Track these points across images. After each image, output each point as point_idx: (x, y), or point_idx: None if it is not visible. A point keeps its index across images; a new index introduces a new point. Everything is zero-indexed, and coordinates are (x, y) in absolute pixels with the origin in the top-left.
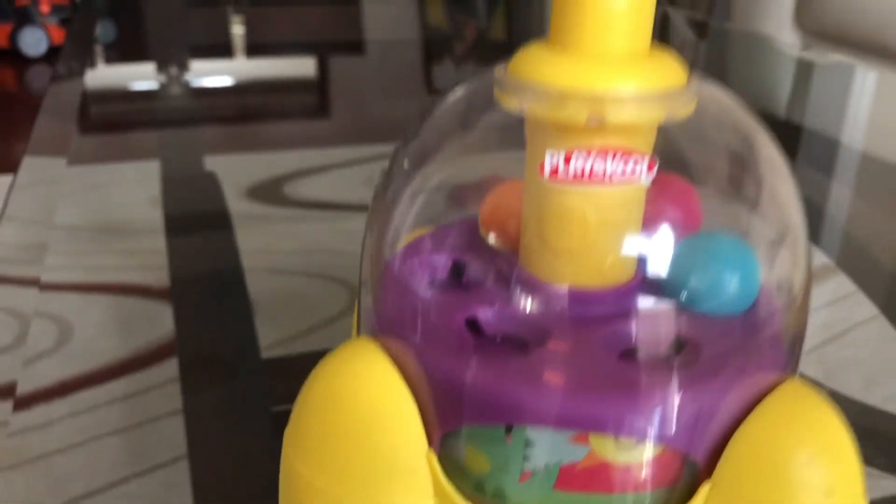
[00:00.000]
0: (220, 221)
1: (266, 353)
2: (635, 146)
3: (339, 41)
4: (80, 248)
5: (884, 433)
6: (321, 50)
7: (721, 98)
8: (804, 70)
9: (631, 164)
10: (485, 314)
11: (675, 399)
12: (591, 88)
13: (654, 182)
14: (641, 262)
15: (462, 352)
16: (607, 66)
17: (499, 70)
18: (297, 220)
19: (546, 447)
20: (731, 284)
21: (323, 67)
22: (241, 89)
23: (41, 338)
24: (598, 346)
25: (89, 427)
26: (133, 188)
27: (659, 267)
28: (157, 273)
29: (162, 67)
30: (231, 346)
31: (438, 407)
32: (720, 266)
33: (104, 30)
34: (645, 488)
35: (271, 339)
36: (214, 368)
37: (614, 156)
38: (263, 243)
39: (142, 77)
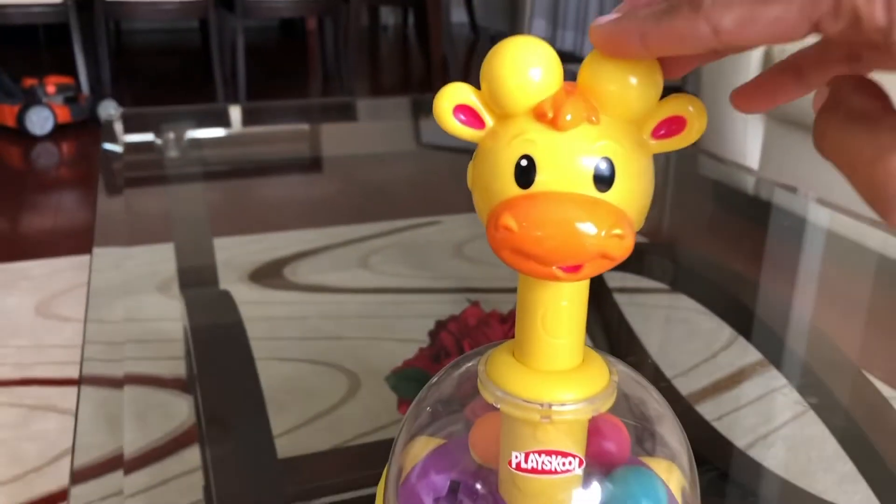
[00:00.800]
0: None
1: (280, 450)
2: (573, 432)
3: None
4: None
5: None
6: (313, 117)
7: (630, 379)
8: (765, 187)
9: (568, 462)
10: None
11: None
12: (545, 398)
13: (596, 432)
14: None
15: None
16: (553, 380)
17: (481, 368)
18: (297, 304)
19: None
20: None
21: (315, 133)
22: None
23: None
24: None
25: None
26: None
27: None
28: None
29: (163, 135)
30: (250, 452)
31: None
32: (641, 496)
33: (104, 108)
34: None
35: (282, 429)
36: (235, 474)
37: (557, 455)
38: (268, 330)
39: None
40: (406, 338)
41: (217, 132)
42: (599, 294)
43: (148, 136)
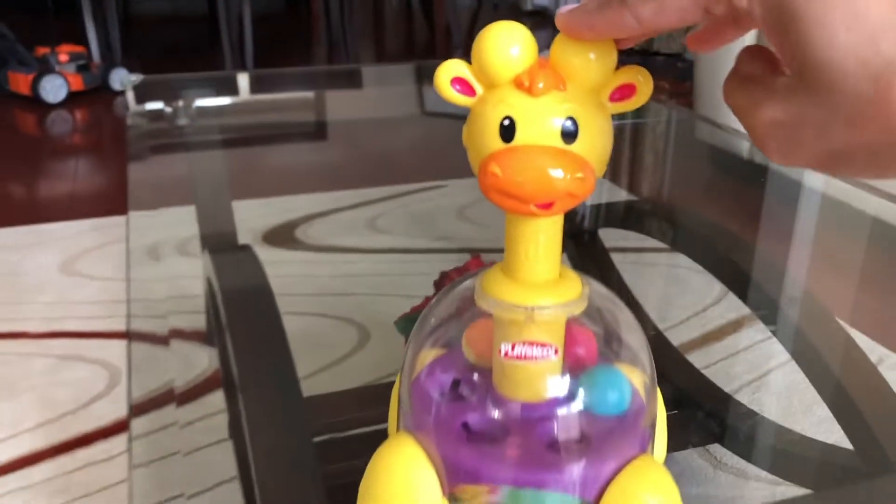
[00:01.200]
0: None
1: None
2: (552, 330)
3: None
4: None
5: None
6: (319, 83)
7: (601, 292)
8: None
9: (546, 351)
10: (472, 419)
11: (580, 469)
12: (528, 303)
13: (571, 340)
14: (560, 388)
15: (459, 443)
16: (536, 288)
17: (477, 283)
18: (309, 263)
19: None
20: (614, 398)
21: (321, 100)
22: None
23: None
24: (535, 438)
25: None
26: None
27: (569, 390)
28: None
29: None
30: (276, 390)
31: (448, 473)
32: (607, 387)
33: (118, 76)
34: None
35: (299, 375)
36: (263, 409)
37: (536, 345)
38: (282, 287)
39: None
40: (412, 293)
41: (226, 101)
42: (596, 254)
43: (158, 105)
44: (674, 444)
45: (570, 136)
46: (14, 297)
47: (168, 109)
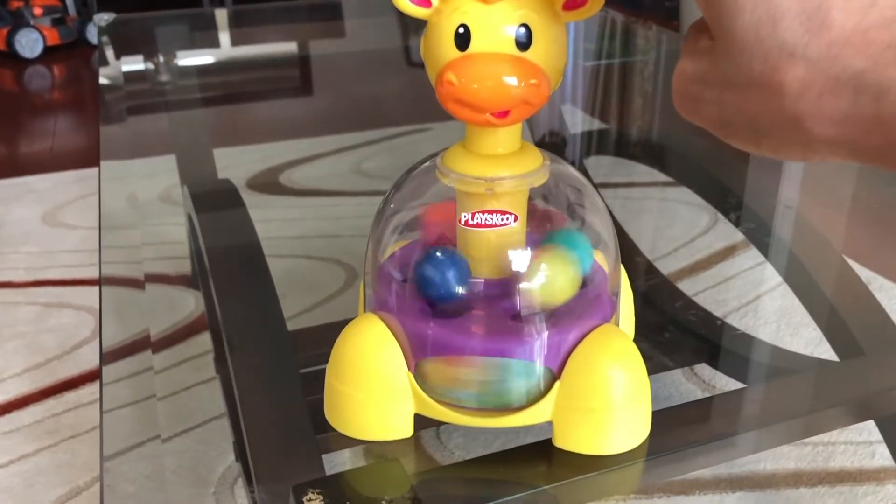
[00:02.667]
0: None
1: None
2: (512, 203)
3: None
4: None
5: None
6: (302, 34)
7: (564, 169)
8: None
9: (505, 217)
10: None
11: (543, 338)
12: (488, 175)
13: (530, 214)
14: (521, 260)
15: (425, 319)
16: (495, 161)
17: (439, 159)
18: (294, 207)
19: None
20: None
21: (304, 50)
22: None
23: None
24: (499, 311)
25: (131, 396)
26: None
27: (532, 263)
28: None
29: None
30: (261, 322)
31: (413, 349)
32: (573, 246)
33: (99, 18)
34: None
35: (285, 315)
36: (248, 341)
37: (496, 213)
38: (268, 230)
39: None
40: None
41: (205, 52)
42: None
43: (138, 59)
44: (662, 366)
45: (523, 43)
46: None
47: (150, 66)
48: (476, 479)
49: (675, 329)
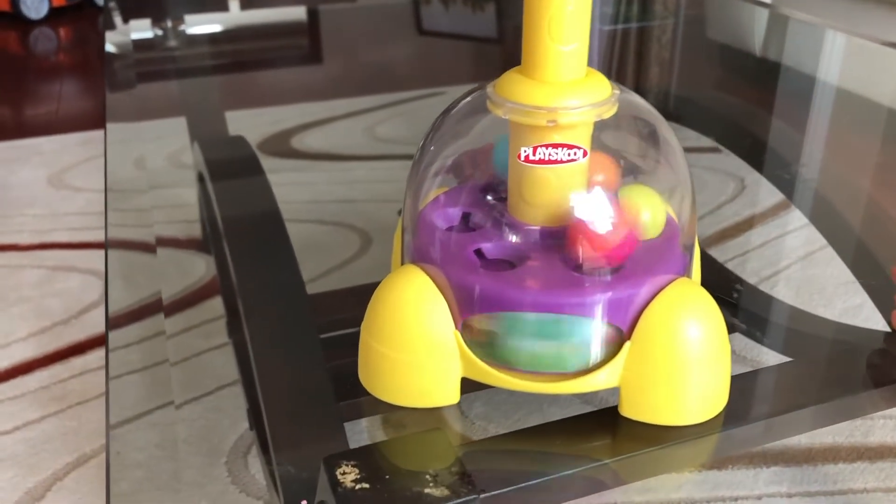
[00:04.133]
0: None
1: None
2: (578, 138)
3: None
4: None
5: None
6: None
7: (635, 100)
8: (778, 21)
9: (572, 152)
10: (486, 246)
11: (609, 292)
12: (549, 104)
13: (592, 158)
14: (586, 208)
15: (474, 270)
16: (558, 88)
17: (490, 88)
18: (306, 171)
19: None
20: (646, 220)
21: (313, 15)
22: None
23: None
24: (559, 263)
25: (140, 362)
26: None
27: (596, 211)
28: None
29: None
30: (278, 286)
31: (459, 304)
32: (640, 208)
33: None
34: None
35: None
36: (264, 305)
37: (562, 147)
38: (280, 194)
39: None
40: None
41: (216, 18)
42: None
43: (145, 23)
44: None
45: None
46: (2, 210)
47: (158, 32)
48: (529, 451)
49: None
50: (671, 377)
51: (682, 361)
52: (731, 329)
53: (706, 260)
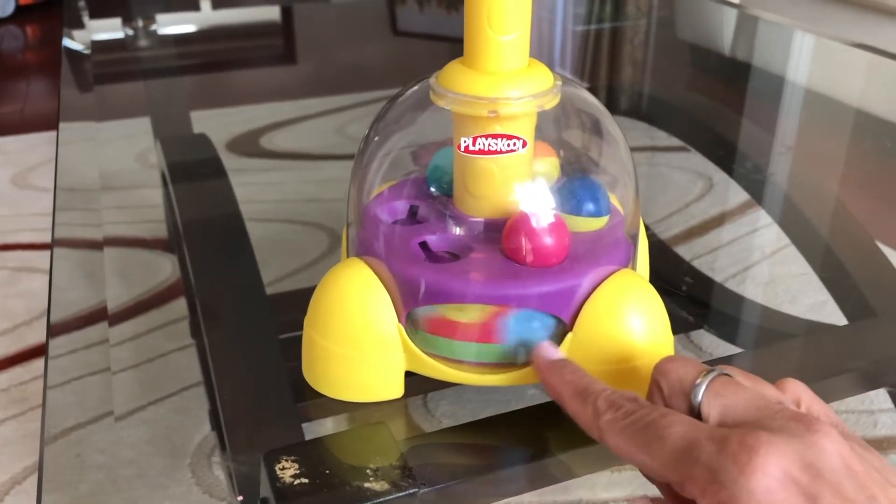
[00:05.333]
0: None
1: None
2: (519, 129)
3: None
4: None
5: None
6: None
7: (578, 92)
8: (748, 21)
9: (512, 143)
10: (431, 238)
11: (552, 284)
12: (490, 95)
13: (534, 148)
14: (531, 198)
15: (418, 262)
16: (499, 79)
17: (433, 80)
18: (275, 170)
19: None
20: (590, 209)
21: (287, 14)
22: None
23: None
24: (501, 255)
25: (102, 362)
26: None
27: (540, 201)
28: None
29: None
30: (237, 286)
31: (403, 297)
32: (584, 197)
33: None
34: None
35: (266, 280)
36: (223, 305)
37: (501, 138)
38: (247, 194)
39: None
40: None
41: (185, 16)
42: None
43: (111, 22)
44: None
45: None
46: None
47: (129, 31)
48: (473, 444)
49: (674, 294)
50: (611, 368)
51: (622, 352)
52: (696, 326)
53: (674, 258)
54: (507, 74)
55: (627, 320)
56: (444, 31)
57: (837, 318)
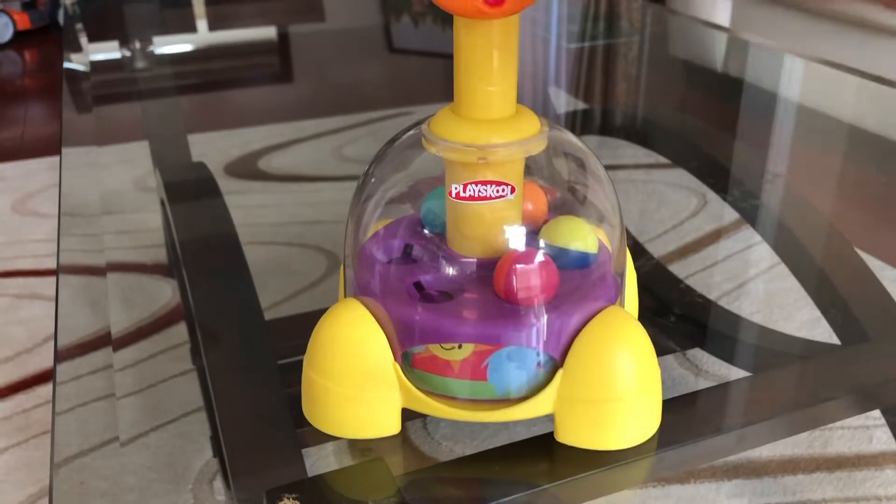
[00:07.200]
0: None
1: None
2: (507, 174)
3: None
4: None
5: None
6: (281, 19)
7: (564, 136)
8: (738, 45)
9: (500, 189)
10: (425, 278)
11: (543, 322)
12: (479, 142)
13: (523, 192)
14: (520, 240)
15: (412, 303)
16: (488, 126)
17: (425, 127)
18: (273, 193)
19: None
20: (577, 250)
21: (283, 35)
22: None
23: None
24: (493, 293)
25: (106, 388)
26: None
27: (530, 242)
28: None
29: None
30: (235, 312)
31: (399, 336)
32: (570, 238)
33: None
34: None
35: (264, 304)
36: (222, 331)
37: (490, 184)
38: (246, 217)
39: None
40: None
41: (182, 37)
42: None
43: (109, 45)
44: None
45: None
46: None
47: (127, 53)
48: (469, 478)
49: (668, 313)
50: (600, 403)
51: (610, 388)
52: (691, 344)
53: (668, 277)
54: (495, 122)
55: (615, 357)
56: (440, 47)
57: (831, 333)
